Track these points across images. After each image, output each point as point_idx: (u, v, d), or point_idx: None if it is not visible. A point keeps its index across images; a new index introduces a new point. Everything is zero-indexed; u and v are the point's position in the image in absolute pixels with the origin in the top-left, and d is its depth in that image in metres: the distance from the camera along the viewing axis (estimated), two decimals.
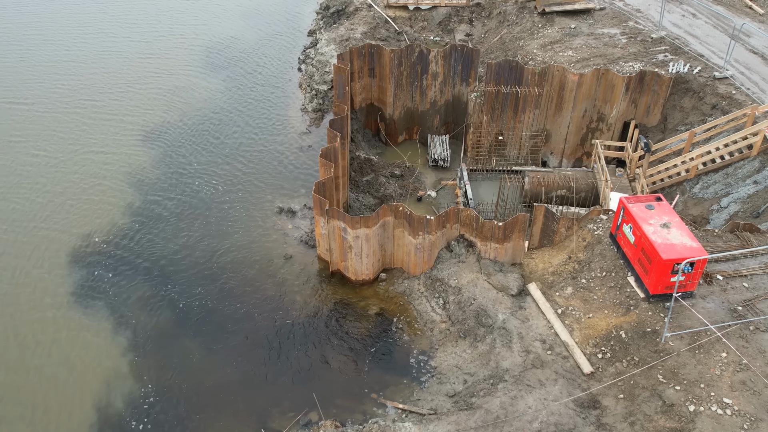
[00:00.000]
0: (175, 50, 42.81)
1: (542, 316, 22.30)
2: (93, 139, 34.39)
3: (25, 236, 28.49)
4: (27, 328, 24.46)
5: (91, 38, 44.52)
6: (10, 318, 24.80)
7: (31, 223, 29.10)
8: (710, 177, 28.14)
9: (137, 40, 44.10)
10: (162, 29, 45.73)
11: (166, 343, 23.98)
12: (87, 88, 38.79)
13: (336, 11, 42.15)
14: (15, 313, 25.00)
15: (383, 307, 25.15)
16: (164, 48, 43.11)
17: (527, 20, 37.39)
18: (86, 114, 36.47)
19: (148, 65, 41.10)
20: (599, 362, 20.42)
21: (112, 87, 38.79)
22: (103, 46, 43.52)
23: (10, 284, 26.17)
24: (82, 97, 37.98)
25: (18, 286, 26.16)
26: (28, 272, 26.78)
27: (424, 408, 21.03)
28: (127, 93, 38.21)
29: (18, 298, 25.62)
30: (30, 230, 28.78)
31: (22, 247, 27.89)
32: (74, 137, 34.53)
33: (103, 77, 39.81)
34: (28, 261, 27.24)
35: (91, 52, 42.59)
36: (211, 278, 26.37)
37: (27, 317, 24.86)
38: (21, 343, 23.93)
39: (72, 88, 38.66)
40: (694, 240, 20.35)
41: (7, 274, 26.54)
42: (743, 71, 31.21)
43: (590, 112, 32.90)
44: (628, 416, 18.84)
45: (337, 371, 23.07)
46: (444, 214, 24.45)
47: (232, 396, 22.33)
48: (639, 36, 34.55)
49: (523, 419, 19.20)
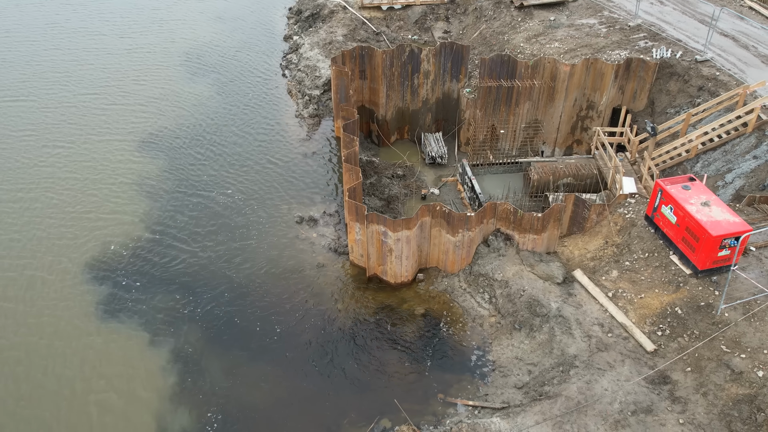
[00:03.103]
0: (154, 58, 42.08)
1: (594, 301, 23.05)
2: (93, 151, 33.72)
3: (47, 252, 27.70)
4: (72, 352, 23.44)
5: (68, 49, 43.43)
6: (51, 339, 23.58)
7: (49, 241, 28.29)
8: (709, 155, 29.71)
9: (112, 51, 43.27)
10: (133, 39, 44.81)
11: (211, 363, 23.27)
12: (73, 98, 37.99)
13: (310, 15, 41.73)
14: (55, 340, 23.76)
15: (427, 307, 25.30)
16: (143, 57, 42.35)
17: (505, 15, 38.24)
18: (80, 126, 35.65)
19: (130, 74, 40.39)
20: (660, 339, 21.32)
21: (96, 98, 38.00)
22: (77, 55, 42.59)
23: (43, 306, 24.97)
24: (71, 108, 37.05)
25: (50, 305, 25.31)
26: (57, 291, 25.91)
27: (495, 402, 21.37)
28: (117, 103, 37.54)
29: (53, 318, 24.70)
30: (49, 246, 27.98)
31: (45, 263, 27.12)
32: (73, 151, 33.62)
33: (85, 88, 39.00)
34: (51, 277, 26.39)
35: (70, 64, 41.62)
36: (247, 293, 25.76)
37: (72, 343, 23.84)
38: (67, 367, 22.83)
39: (56, 100, 37.75)
40: (736, 215, 21.57)
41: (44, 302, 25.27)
42: (720, 53, 33.07)
43: (580, 100, 34.09)
44: (699, 388, 19.79)
45: (396, 375, 23.05)
46: (482, 210, 24.82)
47: (295, 413, 21.93)
48: (617, 25, 36.00)
49: (603, 402, 19.85)
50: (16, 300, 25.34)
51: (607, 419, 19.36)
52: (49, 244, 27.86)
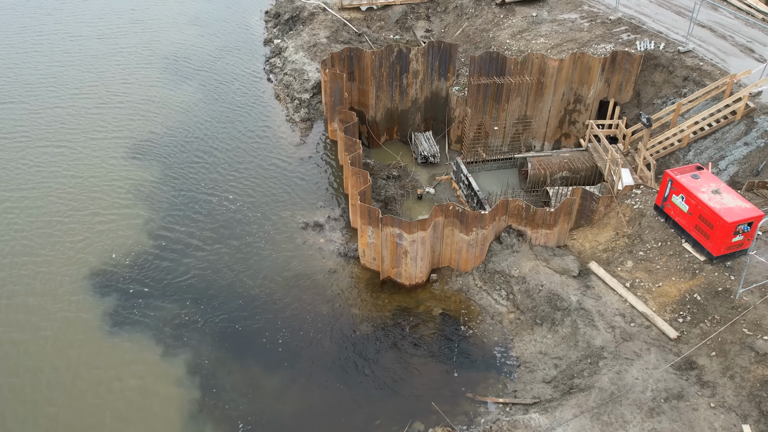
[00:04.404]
0: (135, 63, 41.44)
1: (612, 292, 23.42)
2: (83, 160, 32.92)
3: (50, 266, 26.86)
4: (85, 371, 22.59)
5: (49, 53, 42.56)
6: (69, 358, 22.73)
7: (51, 254, 27.46)
8: (700, 144, 30.53)
9: (93, 55, 42.59)
10: (111, 43, 43.95)
11: (233, 374, 22.77)
12: (60, 102, 37.30)
13: (290, 18, 41.20)
14: (71, 364, 22.91)
15: (444, 307, 25.29)
16: (124, 61, 41.64)
17: (487, 12, 38.52)
18: (68, 134, 34.77)
19: (113, 80, 39.65)
20: (681, 326, 21.80)
21: (81, 102, 37.38)
22: (58, 58, 41.69)
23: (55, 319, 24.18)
24: (57, 110, 36.31)
25: (63, 320, 24.50)
26: (63, 309, 25.02)
27: (526, 398, 21.52)
28: (102, 109, 36.75)
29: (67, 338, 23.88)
30: (48, 259, 27.15)
31: (52, 279, 26.24)
32: (62, 161, 32.76)
33: (67, 95, 38.11)
34: (61, 291, 25.54)
35: (53, 68, 40.76)
36: (261, 301, 25.30)
37: (83, 360, 23.04)
38: (80, 388, 22.01)
39: (41, 104, 36.99)
40: (746, 201, 22.21)
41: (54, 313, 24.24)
42: (700, 44, 34.01)
43: (568, 95, 34.59)
44: (725, 371, 20.31)
45: (421, 377, 22.98)
46: (495, 208, 24.93)
47: (325, 421, 21.63)
48: (598, 19, 36.67)
49: (635, 391, 20.18)
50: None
51: (642, 408, 19.69)
52: (48, 256, 27.05)
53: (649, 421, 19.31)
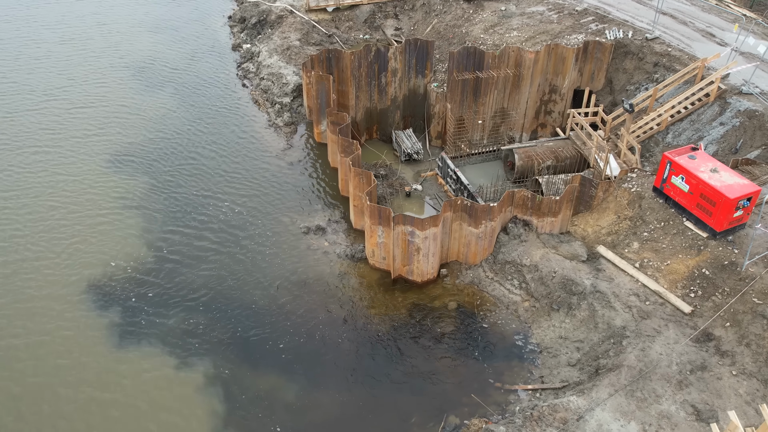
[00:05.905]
0: (103, 70, 40.25)
1: (623, 273, 24.19)
2: (65, 173, 31.87)
3: (54, 278, 26.06)
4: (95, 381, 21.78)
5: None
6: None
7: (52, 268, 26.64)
8: (678, 126, 31.84)
9: (58, 59, 41.32)
10: (78, 50, 42.46)
11: (258, 383, 22.41)
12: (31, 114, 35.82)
13: (257, 22, 40.58)
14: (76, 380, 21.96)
15: (458, 300, 25.56)
16: (94, 68, 40.47)
17: (456, 8, 38.99)
18: (49, 143, 33.70)
19: (85, 86, 38.47)
20: (694, 300, 22.74)
21: (52, 113, 36.01)
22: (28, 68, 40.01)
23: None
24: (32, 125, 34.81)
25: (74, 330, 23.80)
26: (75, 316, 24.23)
27: (555, 382, 22.02)
28: (77, 116, 35.63)
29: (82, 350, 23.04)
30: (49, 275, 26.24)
31: (57, 290, 25.40)
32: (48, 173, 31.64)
33: (39, 103, 36.82)
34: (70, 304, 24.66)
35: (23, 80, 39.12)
36: (275, 309, 24.97)
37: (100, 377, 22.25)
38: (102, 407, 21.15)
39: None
40: (743, 178, 23.35)
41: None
42: (665, 30, 35.44)
43: (543, 85, 35.43)
44: (741, 339, 21.33)
45: (446, 371, 23.18)
46: (502, 199, 25.36)
47: (359, 424, 21.57)
48: (564, 10, 37.68)
49: (662, 365, 20.96)
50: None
51: (671, 381, 20.47)
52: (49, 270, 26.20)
53: (680, 393, 20.09)
